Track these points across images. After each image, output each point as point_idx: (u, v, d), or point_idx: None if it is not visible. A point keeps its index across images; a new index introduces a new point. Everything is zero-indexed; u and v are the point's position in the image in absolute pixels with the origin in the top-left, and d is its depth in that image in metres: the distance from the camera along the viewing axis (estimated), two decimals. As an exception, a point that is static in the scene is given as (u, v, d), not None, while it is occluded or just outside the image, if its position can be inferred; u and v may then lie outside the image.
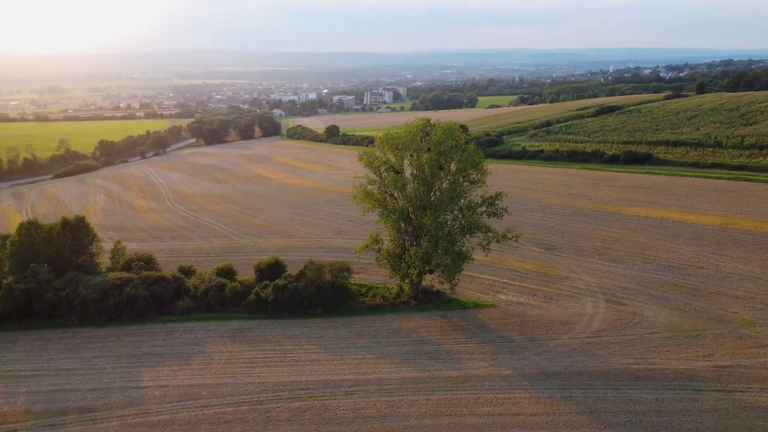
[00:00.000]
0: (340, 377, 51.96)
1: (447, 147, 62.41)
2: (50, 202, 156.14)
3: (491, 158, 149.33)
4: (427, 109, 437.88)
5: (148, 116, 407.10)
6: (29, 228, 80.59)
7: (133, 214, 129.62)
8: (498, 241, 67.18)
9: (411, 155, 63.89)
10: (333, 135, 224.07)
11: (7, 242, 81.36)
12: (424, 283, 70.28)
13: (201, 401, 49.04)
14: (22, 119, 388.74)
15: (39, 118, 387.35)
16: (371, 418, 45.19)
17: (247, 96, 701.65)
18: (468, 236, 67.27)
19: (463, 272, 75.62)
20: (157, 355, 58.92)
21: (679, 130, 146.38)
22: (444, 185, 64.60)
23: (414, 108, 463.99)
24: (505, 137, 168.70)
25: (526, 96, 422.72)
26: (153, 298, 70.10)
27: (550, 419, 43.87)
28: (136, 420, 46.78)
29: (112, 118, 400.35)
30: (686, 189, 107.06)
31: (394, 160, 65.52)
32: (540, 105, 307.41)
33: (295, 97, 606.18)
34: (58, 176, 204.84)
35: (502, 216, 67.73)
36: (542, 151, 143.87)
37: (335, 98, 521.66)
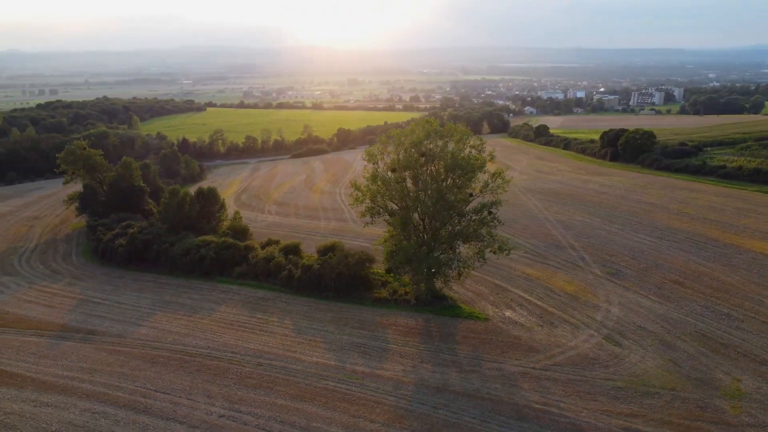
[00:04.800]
0: (271, 350, 57.22)
1: (431, 146, 62.01)
2: (269, 177, 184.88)
3: (665, 171, 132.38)
4: (696, 112, 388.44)
5: (405, 109, 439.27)
6: (171, 193, 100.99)
7: (305, 193, 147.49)
8: (495, 253, 63.92)
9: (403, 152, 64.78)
10: (540, 135, 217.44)
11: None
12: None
13: (160, 344, 59.31)
14: (302, 107, 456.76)
15: (315, 107, 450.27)
16: (246, 386, 50.06)
17: (517, 93, 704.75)
18: (462, 243, 65.38)
19: (496, 283, 73.70)
20: (182, 305, 71.06)
21: None
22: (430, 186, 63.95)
23: (682, 111, 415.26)
24: (708, 148, 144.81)
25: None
26: (218, 260, 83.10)
27: (379, 428, 43.31)
28: (108, 347, 59.04)
29: (374, 109, 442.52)
30: None
31: (394, 157, 66.64)
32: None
33: (562, 95, 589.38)
34: (293, 156, 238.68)
35: (495, 226, 64.14)
36: (724, 167, 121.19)
37: (595, 97, 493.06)
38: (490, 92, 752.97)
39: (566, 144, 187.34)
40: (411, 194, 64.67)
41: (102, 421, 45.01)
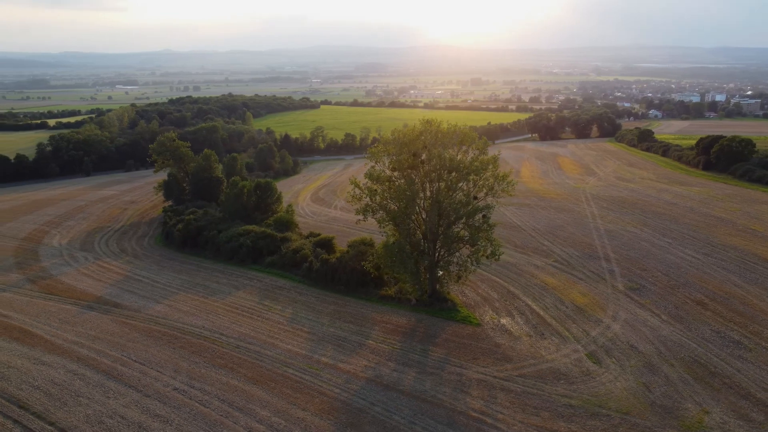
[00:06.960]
0: (256, 335, 60.42)
1: (419, 146, 61.98)
2: (356, 173, 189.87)
3: (757, 183, 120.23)
4: None
5: (518, 110, 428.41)
6: (231, 185, 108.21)
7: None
8: (487, 257, 62.67)
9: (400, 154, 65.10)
10: (643, 140, 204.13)
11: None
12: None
13: (164, 320, 64.69)
14: (414, 106, 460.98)
15: (427, 106, 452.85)
16: (213, 365, 53.56)
17: (649, 95, 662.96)
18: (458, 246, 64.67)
19: (510, 289, 72.28)
20: (206, 288, 76.47)
21: None
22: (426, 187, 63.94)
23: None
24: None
25: None
26: (254, 249, 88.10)
27: (306, 416, 44.78)
28: (121, 319, 65.33)
29: (486, 109, 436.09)
30: None
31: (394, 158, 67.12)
32: None
33: (698, 98, 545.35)
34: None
35: (489, 231, 62.62)
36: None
37: (733, 101, 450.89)
38: (619, 94, 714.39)
39: (665, 150, 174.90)
40: (407, 194, 64.96)
41: (77, 382, 50.55)
